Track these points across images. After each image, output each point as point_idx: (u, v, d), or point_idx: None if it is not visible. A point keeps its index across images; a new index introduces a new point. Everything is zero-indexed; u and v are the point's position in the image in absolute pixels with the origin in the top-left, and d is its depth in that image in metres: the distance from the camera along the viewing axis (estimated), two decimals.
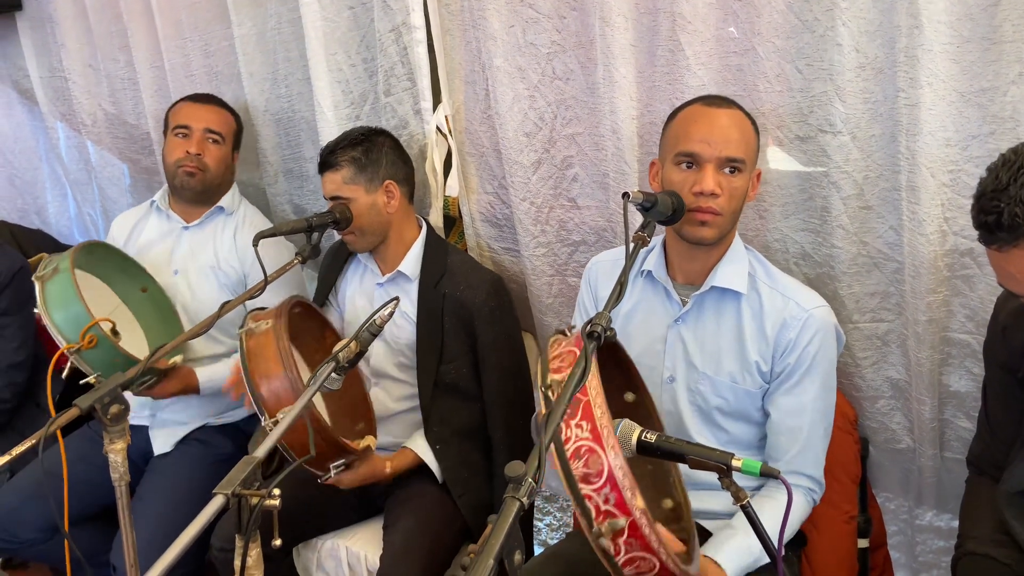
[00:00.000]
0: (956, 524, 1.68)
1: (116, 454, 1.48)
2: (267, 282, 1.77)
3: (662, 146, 1.62)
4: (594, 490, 1.18)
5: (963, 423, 1.83)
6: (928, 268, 1.68)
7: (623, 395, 1.62)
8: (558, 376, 1.27)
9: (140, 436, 2.22)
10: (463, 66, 2.16)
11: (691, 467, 1.25)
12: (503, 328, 2.05)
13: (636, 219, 1.50)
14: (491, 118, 2.13)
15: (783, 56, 1.75)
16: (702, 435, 1.66)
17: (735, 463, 1.20)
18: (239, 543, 1.11)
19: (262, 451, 1.18)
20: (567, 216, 2.13)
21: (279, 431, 1.26)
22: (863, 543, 1.90)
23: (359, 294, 2.14)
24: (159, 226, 2.36)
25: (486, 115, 2.15)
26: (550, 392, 1.25)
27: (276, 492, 1.09)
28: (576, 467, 1.19)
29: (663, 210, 1.46)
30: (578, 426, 1.21)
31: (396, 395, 2.10)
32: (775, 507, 1.53)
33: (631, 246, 1.33)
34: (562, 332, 1.41)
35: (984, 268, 1.67)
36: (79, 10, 2.80)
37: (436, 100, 2.22)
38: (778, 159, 1.84)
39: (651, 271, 1.67)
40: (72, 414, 1.43)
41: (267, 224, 2.30)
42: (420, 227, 2.09)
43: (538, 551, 2.30)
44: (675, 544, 1.35)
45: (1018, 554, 1.42)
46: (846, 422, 1.84)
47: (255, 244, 1.80)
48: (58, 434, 1.43)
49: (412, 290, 2.04)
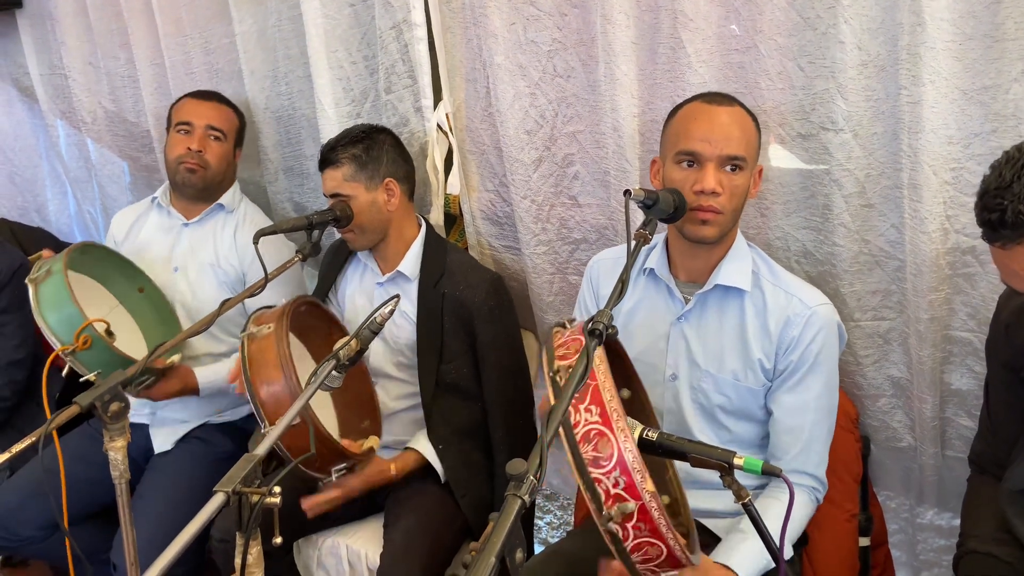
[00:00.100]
0: (957, 523, 1.68)
1: (116, 452, 1.48)
2: (267, 280, 1.77)
3: (663, 144, 1.62)
4: (604, 473, 1.17)
5: (964, 421, 1.83)
6: (930, 266, 1.67)
7: (619, 391, 1.61)
8: (565, 362, 1.26)
9: (140, 434, 2.22)
10: (464, 63, 2.16)
11: (693, 465, 1.25)
12: (503, 327, 2.04)
13: (637, 217, 1.50)
14: (492, 116, 2.13)
15: (785, 53, 1.75)
16: (704, 433, 1.65)
17: (737, 461, 1.20)
18: (240, 541, 1.11)
19: (262, 449, 1.17)
20: (568, 214, 2.13)
21: (279, 429, 1.26)
22: (864, 541, 1.89)
23: (359, 293, 2.13)
24: (159, 223, 2.36)
25: (487, 113, 2.15)
26: (558, 377, 1.24)
27: (277, 490, 1.09)
28: (586, 451, 1.18)
29: (664, 208, 1.45)
30: (587, 410, 1.20)
31: (395, 394, 2.09)
32: (779, 507, 1.52)
33: (633, 244, 1.33)
34: (561, 325, 1.41)
35: (986, 266, 1.67)
36: (79, 7, 2.80)
37: (437, 98, 2.22)
38: (780, 157, 1.83)
39: (653, 269, 1.67)
40: (72, 412, 1.43)
41: (268, 222, 2.29)
42: (420, 226, 2.09)
43: (539, 549, 2.30)
44: (679, 539, 1.34)
45: (1020, 552, 1.42)
46: (847, 420, 1.84)
47: (255, 241, 1.80)
48: (54, 434, 1.43)
49: (412, 290, 2.03)
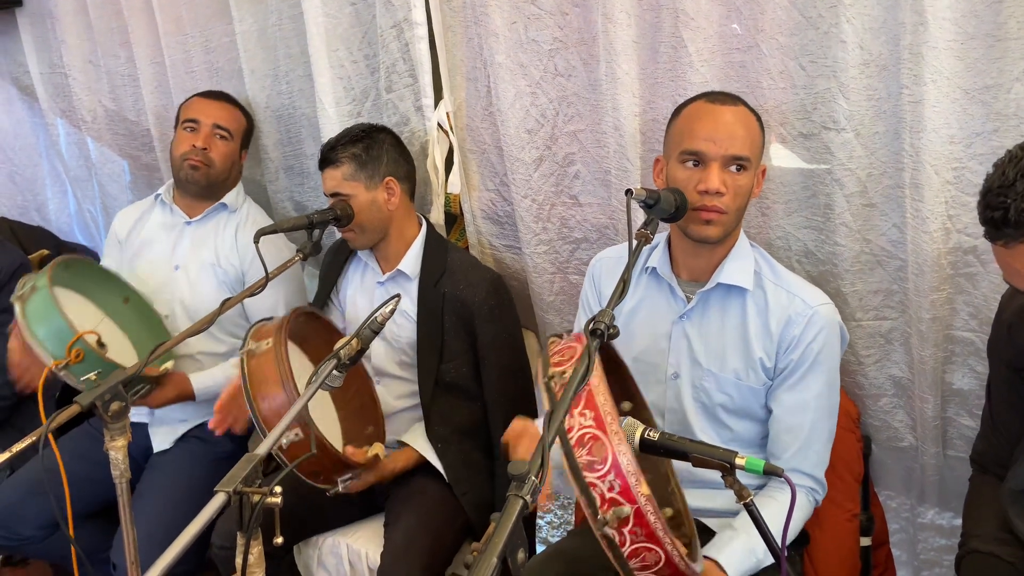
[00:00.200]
0: (958, 522, 1.68)
1: (117, 451, 1.48)
2: (268, 279, 1.77)
3: (666, 143, 1.61)
4: (598, 477, 1.17)
5: (966, 421, 1.83)
6: (931, 266, 1.67)
7: (619, 404, 1.61)
8: (558, 368, 1.26)
9: (140, 433, 2.22)
10: (465, 63, 2.16)
11: (694, 465, 1.25)
12: (503, 326, 2.04)
13: (639, 216, 1.50)
14: (493, 115, 2.12)
15: (786, 53, 1.74)
16: (706, 432, 1.65)
17: (738, 462, 1.20)
18: (240, 541, 1.10)
19: (263, 449, 1.17)
20: (569, 213, 2.13)
21: (280, 429, 1.26)
22: (865, 541, 1.89)
23: (360, 293, 2.13)
24: (162, 220, 2.36)
25: (488, 112, 2.15)
26: (552, 382, 1.24)
27: (278, 490, 1.08)
28: (580, 455, 1.18)
29: (666, 207, 1.45)
30: (581, 414, 1.20)
31: (397, 393, 2.09)
32: (776, 507, 1.53)
33: (634, 243, 1.32)
34: (558, 335, 1.41)
35: (987, 266, 1.66)
36: (79, 6, 2.79)
37: (438, 97, 2.21)
38: (781, 156, 1.83)
39: (655, 268, 1.67)
40: (72, 411, 1.43)
41: (270, 223, 2.29)
42: (420, 225, 2.09)
43: (539, 549, 2.30)
44: (679, 546, 1.34)
45: (1022, 552, 1.42)
46: (849, 420, 1.83)
47: (256, 241, 1.80)
48: (50, 437, 1.42)
49: (412, 289, 2.03)
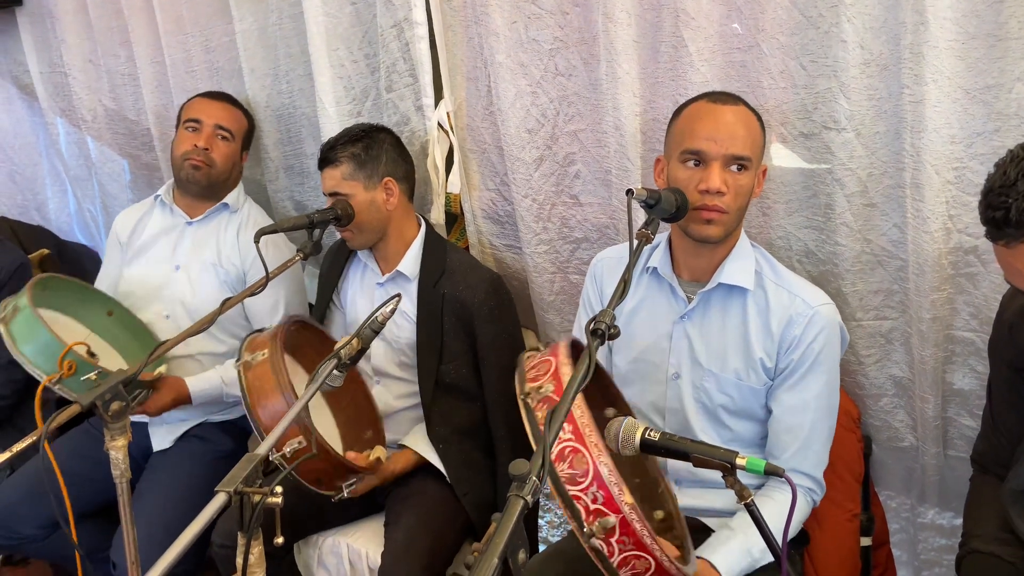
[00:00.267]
0: (958, 522, 1.68)
1: (117, 451, 1.48)
2: (268, 279, 1.77)
3: (667, 143, 1.61)
4: (581, 490, 1.18)
5: (966, 421, 1.82)
6: (932, 266, 1.67)
7: (603, 410, 1.61)
8: (535, 384, 1.27)
9: (139, 432, 2.21)
10: (465, 62, 2.16)
11: (695, 465, 1.24)
12: (503, 327, 2.04)
13: (639, 216, 1.50)
14: (493, 114, 2.12)
15: (787, 52, 1.74)
16: (706, 432, 1.65)
17: (739, 462, 1.20)
18: (241, 541, 1.10)
19: (264, 449, 1.17)
20: (569, 213, 2.12)
21: (280, 429, 1.26)
22: (866, 541, 1.89)
23: (360, 295, 2.13)
24: (162, 221, 2.36)
25: (488, 111, 2.15)
26: (529, 399, 1.25)
27: (278, 490, 1.08)
28: (562, 469, 1.19)
29: (667, 207, 1.45)
30: (560, 428, 1.20)
31: (397, 393, 2.09)
32: (775, 507, 1.53)
33: (635, 243, 1.32)
34: (535, 349, 1.42)
35: (988, 266, 1.66)
36: (79, 5, 2.79)
37: (438, 96, 2.21)
38: (782, 156, 1.83)
39: (656, 268, 1.67)
40: (73, 411, 1.43)
41: (271, 223, 2.29)
42: (419, 225, 2.08)
43: (539, 548, 2.30)
44: (670, 549, 1.34)
45: (1023, 552, 1.42)
46: (849, 420, 1.83)
47: (256, 240, 1.80)
48: (45, 444, 1.42)
49: (412, 289, 2.03)
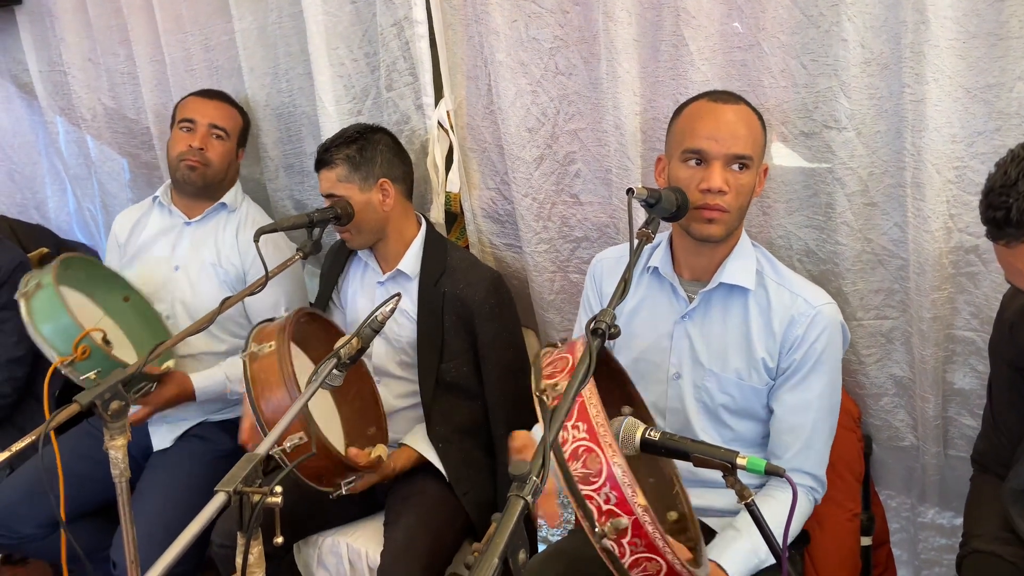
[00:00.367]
0: (959, 522, 1.68)
1: (117, 450, 1.48)
2: (268, 278, 1.76)
3: (668, 142, 1.61)
4: (594, 490, 1.17)
5: (967, 420, 1.82)
6: (933, 265, 1.67)
7: (620, 409, 1.61)
8: (551, 380, 1.26)
9: (139, 432, 2.21)
10: (465, 61, 2.15)
11: (695, 465, 1.24)
12: (503, 325, 2.04)
13: (640, 215, 1.49)
14: (493, 113, 2.12)
15: (788, 51, 1.74)
16: (707, 432, 1.65)
17: (740, 462, 1.20)
18: (241, 541, 1.10)
19: (263, 448, 1.17)
20: (569, 212, 2.12)
21: (280, 429, 1.25)
22: (866, 541, 1.89)
23: (360, 293, 2.13)
24: (161, 222, 2.35)
25: (488, 110, 2.14)
26: (544, 396, 1.24)
27: (278, 490, 1.08)
28: (575, 468, 1.18)
29: (667, 206, 1.45)
30: (574, 427, 1.19)
31: (398, 392, 2.09)
32: (776, 507, 1.52)
33: (635, 243, 1.32)
34: (553, 345, 1.41)
35: (989, 265, 1.66)
36: (79, 4, 2.79)
37: (438, 95, 2.21)
38: (782, 155, 1.83)
39: (657, 267, 1.66)
40: (72, 410, 1.42)
41: (270, 222, 2.29)
42: (419, 224, 2.08)
43: (539, 548, 2.29)
44: (683, 552, 1.34)
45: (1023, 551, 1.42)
46: (850, 419, 1.83)
47: (256, 239, 1.79)
48: (52, 435, 1.42)
49: (412, 288, 2.03)
